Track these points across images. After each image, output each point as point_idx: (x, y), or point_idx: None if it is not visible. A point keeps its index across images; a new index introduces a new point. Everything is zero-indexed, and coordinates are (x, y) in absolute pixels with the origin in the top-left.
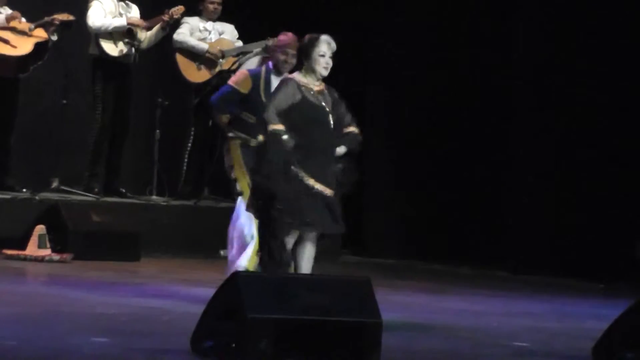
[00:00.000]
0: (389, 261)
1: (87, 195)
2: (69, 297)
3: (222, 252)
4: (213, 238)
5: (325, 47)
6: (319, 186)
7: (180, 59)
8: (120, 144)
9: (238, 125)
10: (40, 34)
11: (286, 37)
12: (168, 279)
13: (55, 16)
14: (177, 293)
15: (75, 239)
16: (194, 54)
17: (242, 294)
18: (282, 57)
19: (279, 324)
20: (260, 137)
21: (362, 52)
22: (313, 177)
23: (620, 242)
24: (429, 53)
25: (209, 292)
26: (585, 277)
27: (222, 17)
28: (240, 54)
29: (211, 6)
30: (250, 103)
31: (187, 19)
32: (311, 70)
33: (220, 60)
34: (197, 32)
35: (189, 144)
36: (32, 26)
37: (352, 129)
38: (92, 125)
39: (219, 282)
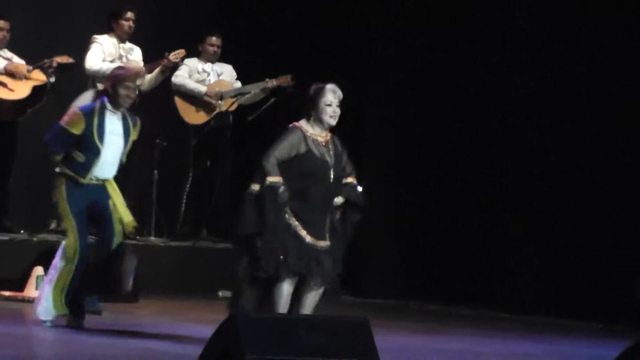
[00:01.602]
0: (387, 302)
1: None
2: (66, 338)
3: (220, 293)
4: (211, 279)
5: (331, 96)
6: (310, 238)
7: (178, 101)
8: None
9: (68, 163)
10: (39, 76)
11: (125, 70)
12: (166, 319)
13: (55, 59)
14: (175, 334)
15: None
16: (192, 96)
17: (240, 335)
18: (123, 92)
19: None
20: (255, 187)
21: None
22: (305, 228)
23: (619, 283)
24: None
25: (207, 332)
26: (584, 317)
27: (221, 57)
28: (239, 94)
29: (211, 49)
30: (82, 142)
31: (185, 61)
32: (318, 120)
33: (219, 102)
34: (195, 73)
35: (187, 185)
36: (31, 68)
37: (351, 179)
38: None
39: (218, 322)
